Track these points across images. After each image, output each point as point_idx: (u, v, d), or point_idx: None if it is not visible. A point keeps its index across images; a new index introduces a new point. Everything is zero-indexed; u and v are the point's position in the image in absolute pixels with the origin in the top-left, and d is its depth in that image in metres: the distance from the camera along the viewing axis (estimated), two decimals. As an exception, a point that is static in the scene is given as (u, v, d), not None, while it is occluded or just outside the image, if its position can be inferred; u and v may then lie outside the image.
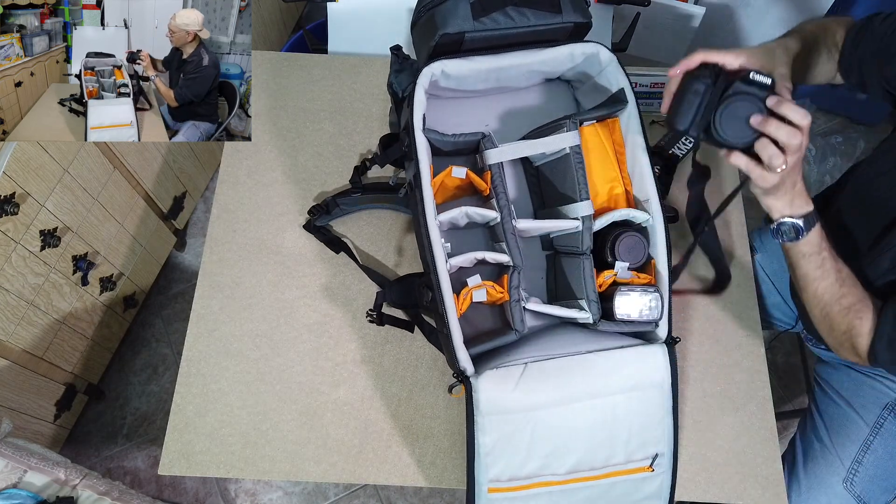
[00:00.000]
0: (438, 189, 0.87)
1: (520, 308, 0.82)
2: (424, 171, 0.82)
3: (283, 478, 0.92)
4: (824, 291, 0.81)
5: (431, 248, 0.81)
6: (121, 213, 1.50)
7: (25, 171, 1.17)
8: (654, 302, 0.82)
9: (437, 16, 0.84)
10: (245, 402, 0.95)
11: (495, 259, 0.85)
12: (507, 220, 0.84)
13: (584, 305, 0.84)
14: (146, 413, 1.68)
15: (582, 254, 0.85)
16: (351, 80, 1.20)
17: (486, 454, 0.79)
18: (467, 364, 0.79)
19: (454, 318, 0.79)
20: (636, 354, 0.80)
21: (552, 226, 0.87)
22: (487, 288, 0.83)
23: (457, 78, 0.86)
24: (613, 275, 0.84)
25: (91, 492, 1.05)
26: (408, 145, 0.85)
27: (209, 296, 1.02)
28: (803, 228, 0.77)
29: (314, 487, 1.59)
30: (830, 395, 1.06)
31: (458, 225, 0.92)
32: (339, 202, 1.04)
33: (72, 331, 1.45)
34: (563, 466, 0.80)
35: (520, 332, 0.82)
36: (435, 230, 0.81)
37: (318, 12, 2.13)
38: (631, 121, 0.88)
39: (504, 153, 0.87)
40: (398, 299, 0.96)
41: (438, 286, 0.80)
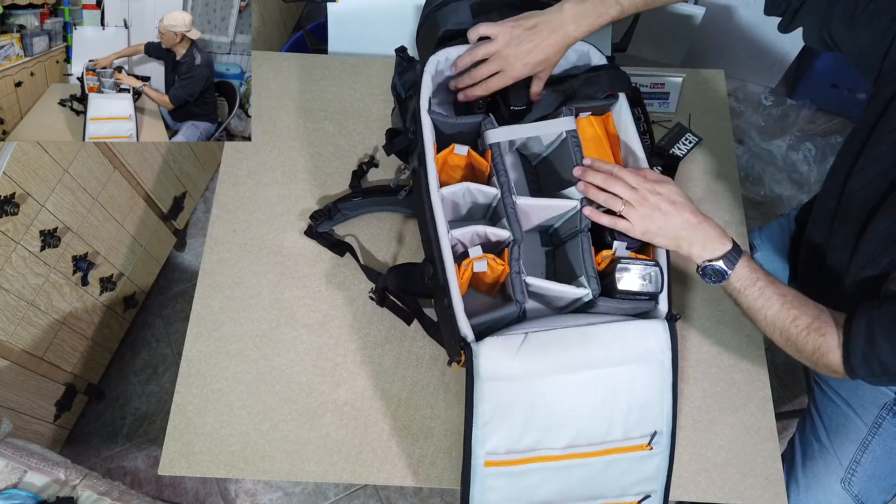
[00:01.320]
0: (442, 168, 0.90)
1: (520, 279, 0.83)
2: (429, 147, 0.86)
3: (283, 478, 0.92)
4: (774, 318, 0.80)
5: (434, 219, 0.83)
6: (121, 213, 1.50)
7: (25, 171, 1.17)
8: (655, 275, 0.82)
9: (440, 16, 0.95)
10: (245, 402, 0.95)
11: (496, 235, 0.86)
12: (507, 196, 0.87)
13: (583, 282, 0.84)
14: (146, 413, 1.68)
15: (580, 231, 0.86)
16: (351, 81, 1.20)
17: (483, 423, 0.78)
18: (468, 331, 0.78)
19: (455, 286, 0.80)
20: (637, 327, 0.80)
21: (551, 204, 0.89)
22: (489, 260, 0.83)
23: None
24: (612, 253, 0.85)
25: (91, 492, 1.05)
26: (413, 132, 0.90)
27: (209, 296, 1.02)
28: (725, 269, 0.80)
29: (314, 487, 1.59)
30: (829, 394, 1.06)
31: (460, 210, 0.94)
32: (340, 207, 1.04)
33: (72, 331, 1.45)
34: (560, 440, 0.79)
35: (521, 302, 0.81)
36: (437, 201, 0.84)
37: (318, 12, 2.13)
38: (623, 110, 0.92)
39: (504, 133, 0.90)
40: (397, 284, 0.95)
41: (440, 255, 0.81)
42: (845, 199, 0.88)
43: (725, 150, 1.16)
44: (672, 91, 1.18)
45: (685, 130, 1.16)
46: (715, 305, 1.03)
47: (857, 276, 0.85)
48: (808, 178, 1.99)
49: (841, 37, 0.82)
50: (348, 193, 1.07)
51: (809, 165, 1.99)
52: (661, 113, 1.18)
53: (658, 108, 1.18)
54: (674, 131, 1.16)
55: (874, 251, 0.82)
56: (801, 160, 2.00)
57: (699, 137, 1.15)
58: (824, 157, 1.99)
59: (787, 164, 2.01)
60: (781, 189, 1.99)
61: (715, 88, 1.22)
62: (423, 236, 0.94)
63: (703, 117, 1.19)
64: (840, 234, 0.90)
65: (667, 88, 1.18)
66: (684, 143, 1.14)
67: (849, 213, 0.88)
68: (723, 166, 1.14)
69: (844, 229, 0.89)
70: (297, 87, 1.19)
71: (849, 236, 0.87)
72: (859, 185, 0.85)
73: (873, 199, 0.83)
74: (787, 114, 2.04)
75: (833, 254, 0.92)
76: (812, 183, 1.98)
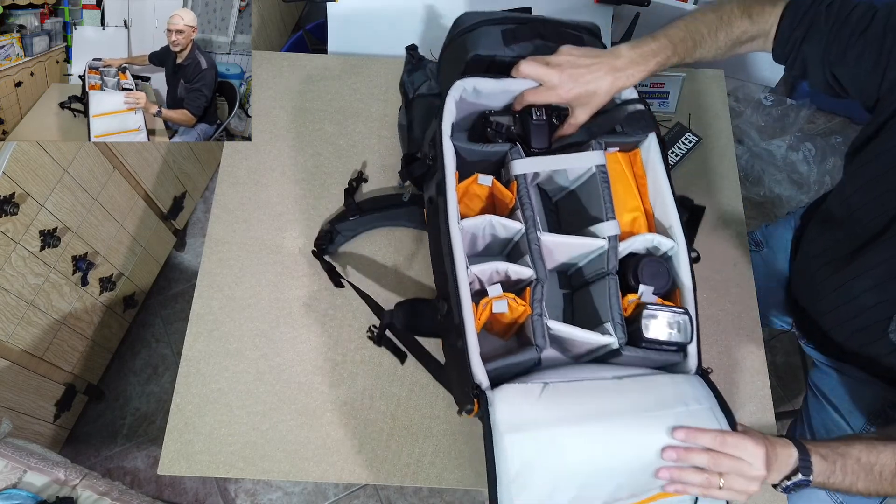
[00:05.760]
0: (461, 198, 0.85)
1: (542, 322, 0.77)
2: (450, 176, 0.80)
3: (283, 478, 0.92)
4: (867, 488, 0.76)
5: (452, 252, 0.76)
6: (120, 213, 1.50)
7: (25, 171, 1.17)
8: (684, 323, 0.76)
9: (470, 40, 0.88)
10: (245, 402, 0.95)
11: (517, 273, 0.80)
12: (532, 231, 0.81)
13: (609, 329, 0.77)
14: (146, 413, 1.68)
15: (608, 273, 0.80)
16: (351, 80, 1.20)
17: (509, 482, 0.68)
18: (483, 377, 0.72)
19: (471, 327, 0.73)
20: (670, 380, 0.73)
21: (578, 243, 0.83)
22: (509, 300, 0.77)
23: (487, 95, 0.87)
24: (637, 298, 0.79)
25: (91, 492, 1.05)
26: (432, 158, 0.84)
27: (209, 296, 1.02)
28: (804, 479, 0.73)
29: (314, 487, 1.59)
30: (821, 400, 1.05)
31: (477, 243, 0.89)
32: (338, 228, 1.01)
33: (71, 331, 1.45)
34: (600, 494, 0.70)
35: (541, 347, 0.76)
36: (457, 233, 0.77)
37: (317, 12, 2.13)
38: (652, 149, 0.86)
39: (531, 164, 0.84)
40: (405, 321, 0.89)
41: (457, 292, 0.75)
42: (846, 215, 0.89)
43: (725, 150, 1.16)
44: (672, 91, 1.18)
45: (685, 130, 1.15)
46: (715, 305, 1.03)
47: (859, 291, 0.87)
48: (807, 178, 1.99)
49: (844, 79, 0.83)
50: (343, 212, 1.04)
51: (809, 165, 1.99)
52: (661, 113, 1.18)
53: (658, 107, 1.18)
54: (674, 131, 1.16)
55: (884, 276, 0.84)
56: (801, 160, 2.00)
57: (699, 137, 1.15)
58: (824, 157, 1.99)
59: (786, 164, 2.01)
60: (781, 189, 1.99)
61: (715, 88, 1.22)
62: (436, 267, 0.88)
63: (703, 117, 1.19)
64: (843, 246, 0.91)
65: (667, 88, 1.18)
66: (684, 143, 1.14)
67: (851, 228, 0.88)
68: (723, 166, 1.14)
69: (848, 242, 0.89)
70: (297, 87, 1.19)
71: (851, 247, 0.88)
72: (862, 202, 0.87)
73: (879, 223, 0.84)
74: (786, 114, 2.04)
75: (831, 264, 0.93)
76: (811, 183, 1.98)
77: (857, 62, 0.80)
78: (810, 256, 1.01)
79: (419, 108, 1.02)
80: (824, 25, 0.82)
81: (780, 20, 0.85)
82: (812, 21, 0.83)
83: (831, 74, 0.84)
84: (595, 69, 0.81)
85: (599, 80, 0.81)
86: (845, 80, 0.83)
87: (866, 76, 0.80)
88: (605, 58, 0.82)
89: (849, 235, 0.91)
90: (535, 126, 0.85)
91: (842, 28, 0.81)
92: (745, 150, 2.02)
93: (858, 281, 0.88)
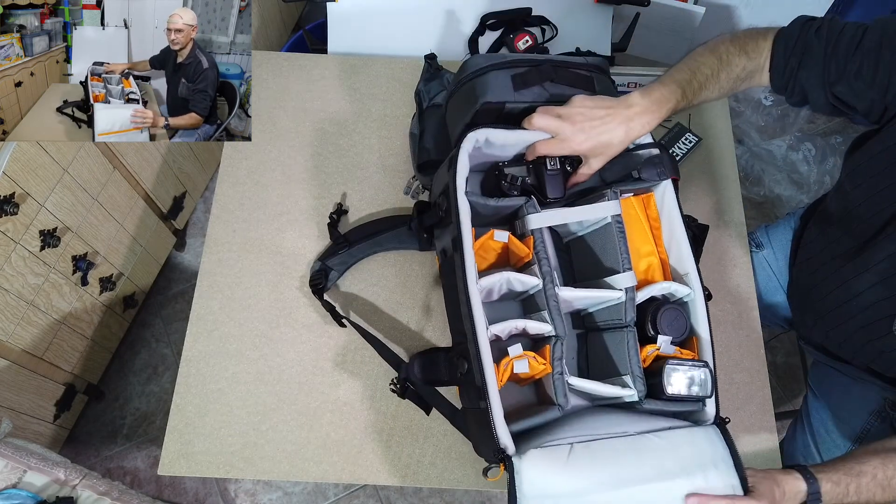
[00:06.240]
0: (477, 250, 0.84)
1: (563, 381, 0.77)
2: (466, 234, 0.79)
3: (283, 478, 0.92)
4: (885, 501, 0.76)
5: (472, 314, 0.76)
6: (120, 213, 1.50)
7: (25, 171, 1.17)
8: (704, 377, 0.77)
9: (479, 86, 0.85)
10: (245, 402, 0.95)
11: (537, 329, 0.81)
12: (550, 287, 0.81)
13: (628, 382, 0.78)
14: (146, 413, 1.68)
15: (626, 326, 0.80)
16: (351, 81, 1.20)
17: None
18: (508, 442, 0.71)
19: (495, 391, 0.73)
20: (689, 437, 0.74)
21: (595, 296, 0.83)
22: (529, 359, 0.78)
23: (500, 146, 0.86)
24: (656, 349, 0.80)
25: (91, 492, 1.05)
26: (445, 210, 0.83)
27: (209, 296, 1.02)
28: None
29: (314, 487, 1.59)
30: (821, 400, 1.06)
31: (493, 296, 0.88)
32: (329, 265, 1.00)
33: (71, 331, 1.45)
34: None
35: (563, 407, 0.77)
36: (476, 295, 0.77)
37: (317, 12, 2.13)
38: (667, 194, 0.86)
39: (547, 218, 0.84)
40: (422, 375, 0.88)
41: (478, 356, 0.74)
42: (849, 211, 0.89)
43: (725, 150, 1.16)
44: (672, 91, 1.18)
45: (685, 130, 1.16)
46: (715, 305, 1.03)
47: (861, 287, 0.87)
48: (807, 178, 1.99)
49: (846, 96, 0.83)
50: (331, 246, 1.03)
51: (809, 165, 1.99)
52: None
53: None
54: (674, 131, 1.16)
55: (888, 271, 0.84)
56: (801, 160, 2.00)
57: (699, 137, 1.15)
58: (824, 157, 1.99)
59: (786, 164, 2.01)
60: (781, 189, 1.99)
61: (715, 88, 1.22)
62: (451, 314, 0.88)
63: (703, 117, 1.19)
64: (845, 242, 0.91)
65: (667, 88, 1.17)
66: (684, 143, 1.14)
67: (854, 223, 0.88)
68: (723, 166, 1.14)
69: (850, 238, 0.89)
70: (297, 87, 1.19)
71: (855, 243, 0.88)
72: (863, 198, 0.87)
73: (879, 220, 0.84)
74: (786, 114, 2.04)
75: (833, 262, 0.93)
76: (811, 183, 1.98)
77: (857, 76, 0.80)
78: (811, 255, 1.01)
79: (432, 119, 1.01)
80: (817, 50, 0.83)
81: (771, 52, 0.86)
82: (805, 48, 0.83)
83: (832, 95, 0.84)
84: (608, 120, 0.80)
85: (613, 132, 0.80)
86: (848, 97, 0.83)
87: (868, 88, 0.80)
88: (617, 108, 0.81)
89: (849, 233, 0.91)
90: (550, 176, 0.84)
91: (836, 47, 0.81)
92: (745, 150, 2.02)
93: (861, 278, 0.88)
